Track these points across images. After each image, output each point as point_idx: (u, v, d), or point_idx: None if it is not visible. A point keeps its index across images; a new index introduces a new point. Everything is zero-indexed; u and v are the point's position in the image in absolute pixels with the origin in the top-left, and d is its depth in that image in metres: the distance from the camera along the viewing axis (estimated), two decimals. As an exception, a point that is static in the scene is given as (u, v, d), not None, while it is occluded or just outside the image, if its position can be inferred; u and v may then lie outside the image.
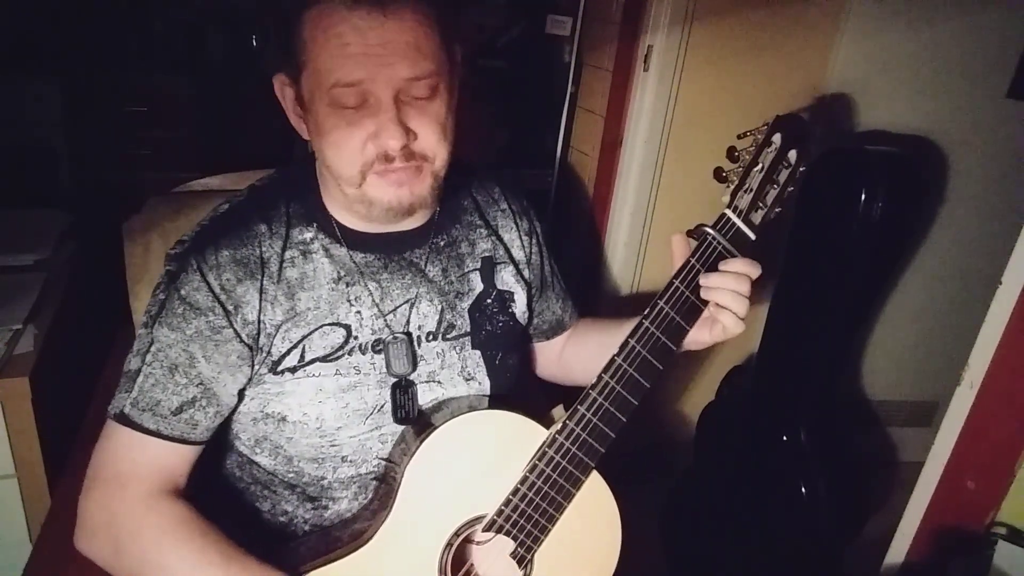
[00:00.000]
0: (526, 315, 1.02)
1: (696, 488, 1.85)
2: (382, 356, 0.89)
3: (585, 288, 1.93)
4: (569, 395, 0.87)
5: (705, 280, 0.83)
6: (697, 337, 0.88)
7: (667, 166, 1.78)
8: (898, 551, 1.16)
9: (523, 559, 0.86)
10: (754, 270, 0.84)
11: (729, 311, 0.84)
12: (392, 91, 0.78)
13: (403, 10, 0.77)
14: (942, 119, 1.84)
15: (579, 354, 1.11)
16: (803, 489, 1.63)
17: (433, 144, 0.82)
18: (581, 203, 1.98)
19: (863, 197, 1.48)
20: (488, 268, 0.98)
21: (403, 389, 0.89)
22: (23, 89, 2.53)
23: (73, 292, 1.54)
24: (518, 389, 1.00)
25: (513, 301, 1.00)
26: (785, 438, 1.66)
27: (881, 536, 1.21)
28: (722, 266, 0.84)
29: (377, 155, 0.80)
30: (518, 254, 1.01)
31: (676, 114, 1.73)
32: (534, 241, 1.04)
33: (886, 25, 1.74)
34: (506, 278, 0.99)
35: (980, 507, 1.03)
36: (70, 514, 0.85)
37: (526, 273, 1.02)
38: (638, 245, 1.85)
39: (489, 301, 0.97)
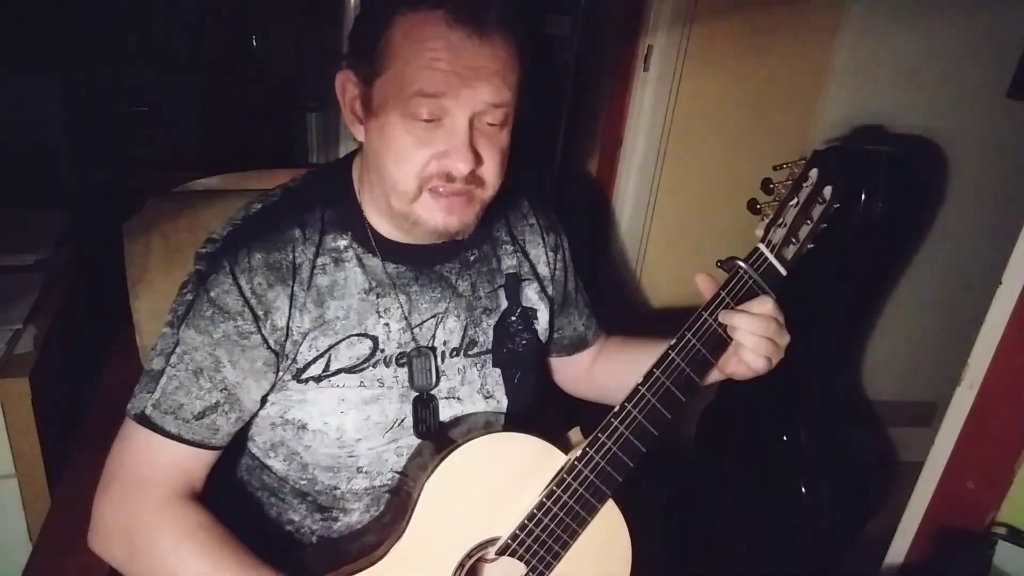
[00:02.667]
0: (547, 332, 1.02)
1: (696, 488, 1.85)
2: (405, 370, 0.87)
3: (585, 288, 1.93)
4: (586, 417, 0.87)
5: (726, 318, 0.82)
6: (727, 370, 0.88)
7: (667, 166, 1.77)
8: (898, 551, 1.16)
9: None
10: (779, 315, 0.84)
11: (749, 350, 0.83)
12: (469, 114, 0.78)
13: (497, 37, 0.77)
14: (942, 119, 1.84)
15: (610, 373, 1.10)
16: (803, 489, 1.63)
17: (494, 173, 0.82)
18: (581, 203, 1.98)
19: (863, 197, 1.48)
20: (513, 285, 0.97)
21: (424, 403, 0.88)
22: (23, 89, 2.53)
23: (73, 292, 1.54)
24: (535, 408, 0.99)
25: (536, 318, 0.99)
26: (785, 438, 1.66)
27: (881, 536, 1.21)
28: (746, 306, 0.83)
29: (439, 172, 0.79)
30: (543, 270, 1.01)
31: (676, 114, 1.72)
32: (559, 257, 1.03)
33: (886, 25, 1.74)
34: (530, 295, 0.99)
35: (980, 507, 1.04)
36: (70, 514, 0.85)
37: (549, 290, 1.01)
38: (638, 245, 1.85)
39: (514, 318, 0.96)
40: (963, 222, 1.96)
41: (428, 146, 0.79)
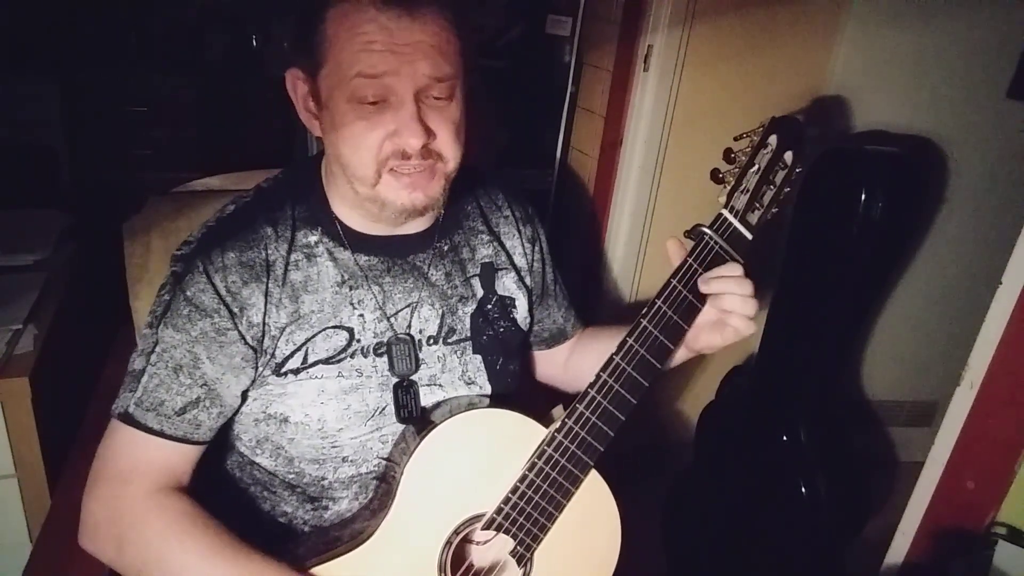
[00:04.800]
0: (528, 321, 1.02)
1: (696, 488, 1.85)
2: (384, 359, 0.89)
3: (585, 288, 1.93)
4: (568, 396, 0.87)
5: (705, 287, 0.83)
6: (709, 341, 0.88)
7: (667, 166, 1.77)
8: (898, 551, 1.16)
9: (523, 557, 0.86)
10: (747, 277, 0.84)
11: (737, 314, 0.84)
12: (413, 89, 0.79)
13: (429, 13, 0.78)
14: (942, 119, 1.84)
15: (584, 362, 1.10)
16: (803, 489, 1.63)
17: (449, 145, 0.83)
18: (581, 203, 1.98)
19: (863, 197, 1.48)
20: (488, 274, 0.98)
21: (405, 389, 0.89)
22: (23, 89, 2.53)
23: (73, 292, 1.54)
24: (519, 393, 1.00)
25: (514, 307, 1.00)
26: (785, 438, 1.66)
27: (881, 536, 1.21)
28: (718, 271, 0.84)
29: (394, 152, 0.81)
30: (520, 261, 1.01)
31: (676, 114, 1.72)
32: (536, 248, 1.04)
33: (886, 25, 1.74)
34: (508, 284, 0.99)
35: (980, 507, 1.04)
36: (70, 514, 0.85)
37: (528, 280, 1.02)
38: (638, 245, 1.85)
39: (490, 307, 0.97)
40: (963, 222, 1.96)
41: (379, 127, 0.80)
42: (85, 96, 2.67)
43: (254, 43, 2.92)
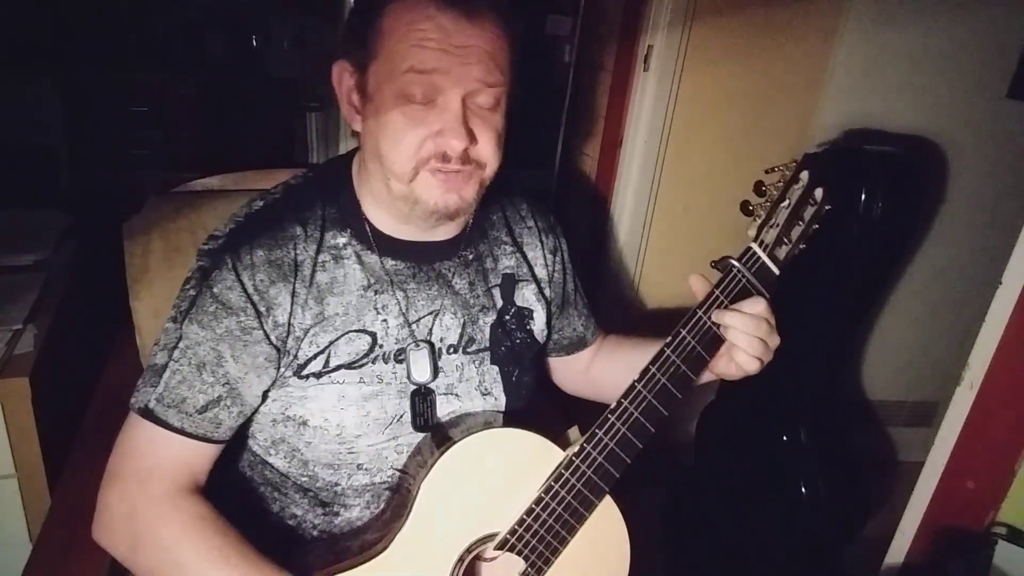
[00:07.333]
0: (544, 333, 1.02)
1: (696, 488, 1.85)
2: (404, 366, 0.88)
3: (585, 288, 1.93)
4: (584, 416, 0.87)
5: (719, 317, 0.84)
6: (726, 369, 0.89)
7: (667, 166, 1.77)
8: (898, 551, 1.16)
9: None
10: (770, 316, 0.85)
11: (742, 350, 0.85)
12: (462, 92, 0.79)
13: (486, 20, 0.79)
14: (942, 119, 1.84)
15: (606, 371, 1.11)
16: (803, 489, 1.63)
17: (490, 153, 0.84)
18: (581, 203, 1.98)
19: (863, 197, 1.48)
20: (508, 285, 0.98)
21: (422, 397, 0.89)
22: (23, 89, 2.53)
23: (73, 292, 1.54)
24: (533, 406, 1.00)
25: (532, 319, 1.00)
26: (785, 438, 1.66)
27: (881, 536, 1.22)
28: (739, 306, 0.84)
29: (435, 153, 0.81)
30: (541, 272, 1.01)
31: (676, 114, 1.72)
32: (558, 259, 1.04)
33: (886, 25, 1.74)
34: (527, 295, 0.99)
35: (980, 507, 1.04)
36: (70, 514, 0.85)
37: (547, 291, 1.02)
38: (638, 245, 1.85)
39: (508, 318, 0.97)
40: (963, 222, 1.96)
41: (423, 126, 0.80)
42: (85, 96, 2.67)
43: (254, 43, 2.93)
